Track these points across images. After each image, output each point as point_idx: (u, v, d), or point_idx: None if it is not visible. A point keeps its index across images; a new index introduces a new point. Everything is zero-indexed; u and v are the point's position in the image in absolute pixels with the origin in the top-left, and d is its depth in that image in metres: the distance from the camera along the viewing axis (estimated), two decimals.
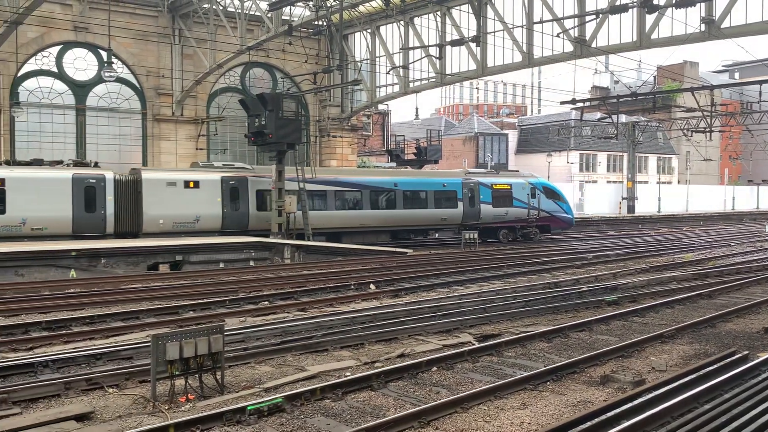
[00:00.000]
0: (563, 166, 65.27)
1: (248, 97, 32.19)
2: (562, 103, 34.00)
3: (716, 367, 9.04)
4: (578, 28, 27.52)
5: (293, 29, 29.55)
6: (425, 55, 33.18)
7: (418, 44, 33.62)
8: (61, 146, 32.77)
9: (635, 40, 27.06)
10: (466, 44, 30.00)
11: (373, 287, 17.31)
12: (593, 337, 11.79)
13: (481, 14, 31.18)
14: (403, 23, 35.47)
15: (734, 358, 9.57)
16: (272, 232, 26.17)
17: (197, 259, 22.42)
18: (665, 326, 12.37)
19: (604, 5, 26.83)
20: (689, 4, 20.17)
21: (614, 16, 25.80)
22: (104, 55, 30.03)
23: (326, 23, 32.13)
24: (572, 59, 29.39)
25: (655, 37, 26.51)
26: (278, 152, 26.34)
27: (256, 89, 36.81)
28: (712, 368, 8.96)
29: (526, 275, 20.21)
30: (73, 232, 23.18)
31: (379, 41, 37.06)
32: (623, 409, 7.25)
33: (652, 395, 7.73)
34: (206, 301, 15.06)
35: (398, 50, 35.81)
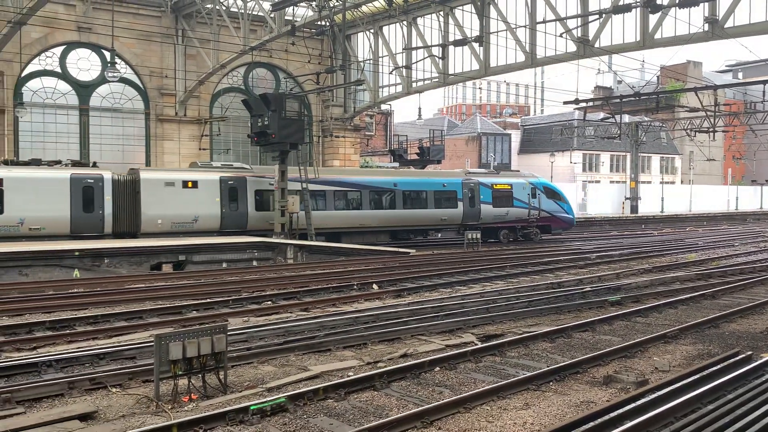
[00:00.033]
0: (566, 166, 65.18)
1: (251, 97, 32.20)
2: (565, 103, 33.96)
3: (720, 367, 9.03)
4: (581, 28, 27.47)
5: (296, 29, 29.57)
6: (428, 55, 33.15)
7: (420, 44, 33.59)
8: (64, 146, 32.83)
9: (638, 39, 27.02)
10: (468, 44, 29.97)
11: (375, 287, 17.31)
12: (596, 337, 11.78)
13: (484, 14, 31.16)
14: (405, 23, 35.46)
15: (738, 358, 9.55)
16: (275, 232, 26.18)
17: (200, 259, 22.45)
18: (668, 326, 12.35)
19: (607, 5, 26.79)
20: (693, 3, 20.07)
21: (617, 15, 25.80)
22: (107, 55, 30.07)
23: (329, 23, 32.14)
24: (575, 59, 29.35)
25: (658, 36, 26.45)
26: (281, 152, 26.37)
27: (259, 89, 36.83)
28: (715, 368, 8.95)
29: (529, 275, 20.19)
30: (71, 232, 23.14)
31: (381, 41, 37.05)
32: (626, 409, 7.23)
33: (655, 395, 7.71)
34: (209, 300, 15.09)
35: (401, 50, 35.80)
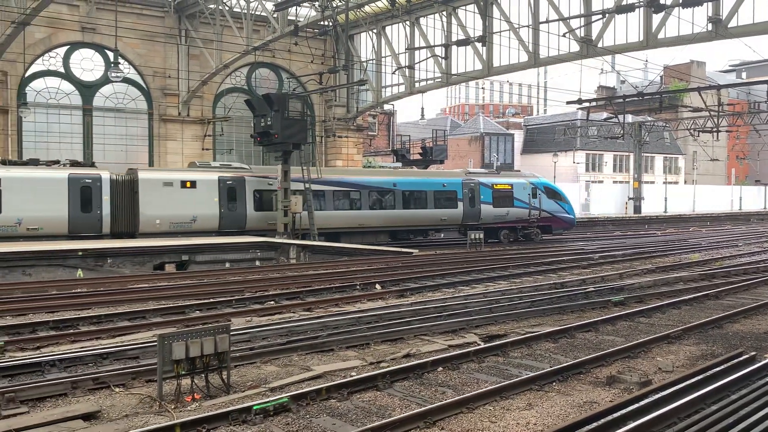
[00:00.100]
0: (569, 166, 65.10)
1: (254, 97, 32.20)
2: (568, 103, 33.94)
3: (723, 367, 9.01)
4: (584, 27, 27.43)
5: (299, 29, 29.56)
6: (431, 55, 33.12)
7: (423, 44, 33.57)
8: (68, 146, 32.86)
9: (642, 39, 26.96)
10: (471, 44, 29.91)
11: (378, 287, 17.31)
12: (599, 337, 11.76)
13: (486, 14, 31.14)
14: (408, 23, 35.45)
15: (742, 358, 9.53)
16: (278, 232, 26.19)
17: (203, 258, 22.47)
18: (672, 327, 12.34)
19: (610, 5, 26.74)
20: (696, 3, 20.02)
21: (621, 15, 25.73)
22: (111, 55, 30.09)
23: (332, 23, 32.17)
24: (578, 59, 29.31)
25: (661, 36, 26.39)
26: (284, 152, 26.37)
27: (262, 89, 36.85)
28: (719, 369, 8.93)
29: (531, 275, 20.18)
30: (69, 232, 23.07)
31: (384, 41, 37.05)
32: (630, 409, 7.23)
33: (658, 396, 7.70)
34: (212, 300, 15.11)
35: (404, 50, 35.79)
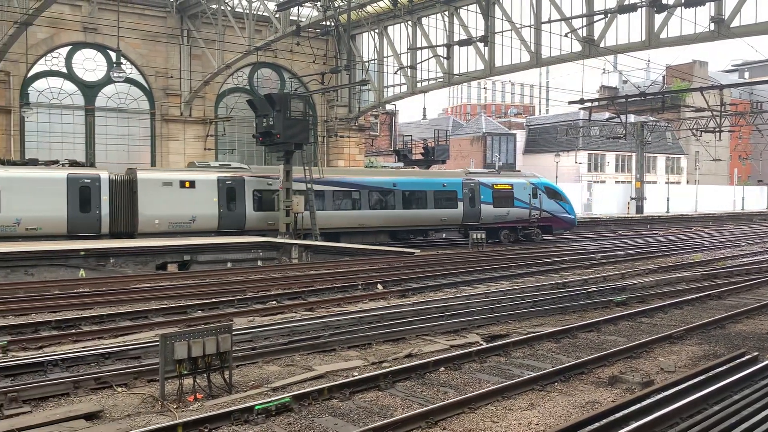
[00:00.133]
0: (571, 166, 65.05)
1: (256, 97, 32.24)
2: (570, 103, 33.91)
3: (726, 368, 8.99)
4: (587, 27, 27.41)
5: (301, 29, 29.57)
6: (433, 55, 33.10)
7: (425, 44, 33.55)
8: (70, 147, 32.90)
9: (644, 39, 26.93)
10: (473, 44, 29.93)
11: (380, 287, 17.31)
12: (601, 337, 11.75)
13: (489, 14, 31.12)
14: (410, 23, 35.44)
15: (744, 359, 9.51)
16: (280, 232, 26.20)
17: (205, 258, 22.48)
18: (674, 327, 12.32)
19: (612, 5, 26.73)
20: (698, 3, 19.98)
21: (623, 15, 25.72)
22: (113, 55, 30.10)
23: (334, 23, 32.14)
24: (581, 59, 29.28)
25: (664, 36, 26.36)
26: (286, 152, 26.38)
27: (264, 89, 36.87)
28: (721, 369, 8.91)
29: (534, 275, 20.16)
30: (67, 232, 23.08)
31: (386, 41, 37.05)
32: (632, 410, 7.21)
33: (660, 396, 7.69)
34: (214, 300, 15.12)
35: (406, 50, 35.79)
